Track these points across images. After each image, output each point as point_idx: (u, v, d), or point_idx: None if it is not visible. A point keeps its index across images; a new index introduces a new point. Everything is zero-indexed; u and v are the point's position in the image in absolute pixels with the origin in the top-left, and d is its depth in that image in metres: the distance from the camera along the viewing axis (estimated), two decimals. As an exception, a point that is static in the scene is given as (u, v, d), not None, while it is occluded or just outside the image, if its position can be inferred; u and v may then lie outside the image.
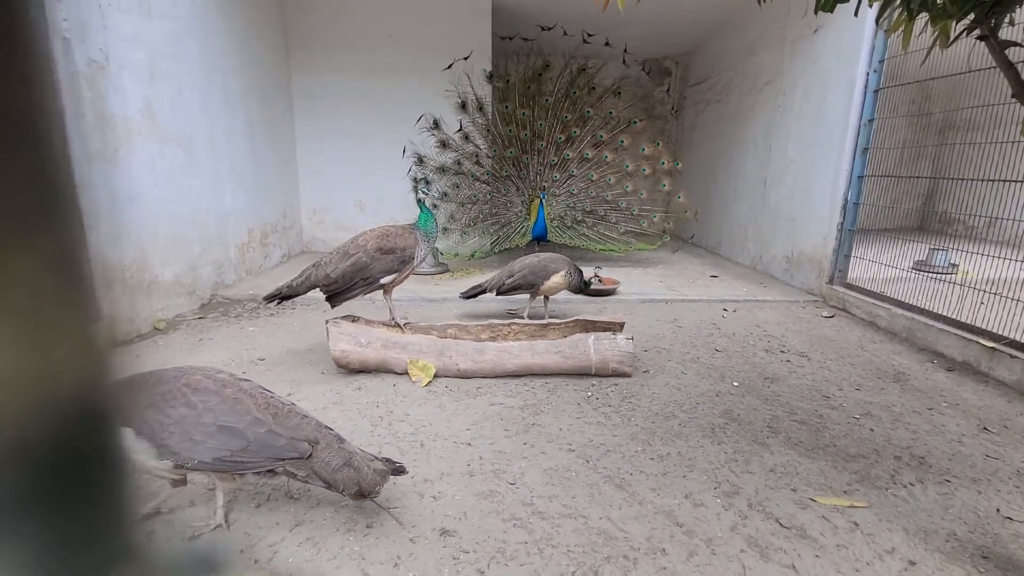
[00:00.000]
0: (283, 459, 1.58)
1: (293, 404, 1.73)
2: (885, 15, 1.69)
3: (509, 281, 3.65)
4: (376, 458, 1.71)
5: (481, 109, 5.79)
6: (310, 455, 1.60)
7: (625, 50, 6.73)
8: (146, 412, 1.50)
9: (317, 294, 2.97)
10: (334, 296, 2.91)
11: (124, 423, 1.47)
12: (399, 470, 1.74)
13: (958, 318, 3.37)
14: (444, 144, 5.72)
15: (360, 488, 1.62)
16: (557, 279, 3.65)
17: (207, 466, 1.54)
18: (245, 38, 5.05)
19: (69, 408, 0.26)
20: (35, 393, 0.24)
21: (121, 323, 3.33)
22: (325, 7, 6.10)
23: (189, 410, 1.53)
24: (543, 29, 6.43)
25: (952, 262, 4.63)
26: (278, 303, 3.04)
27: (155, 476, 1.61)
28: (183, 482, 1.67)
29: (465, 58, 5.95)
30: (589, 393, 2.74)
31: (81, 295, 0.26)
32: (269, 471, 1.61)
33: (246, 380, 1.71)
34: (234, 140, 4.84)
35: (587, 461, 2.11)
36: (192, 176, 4.15)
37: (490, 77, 5.98)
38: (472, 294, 3.88)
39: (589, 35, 6.46)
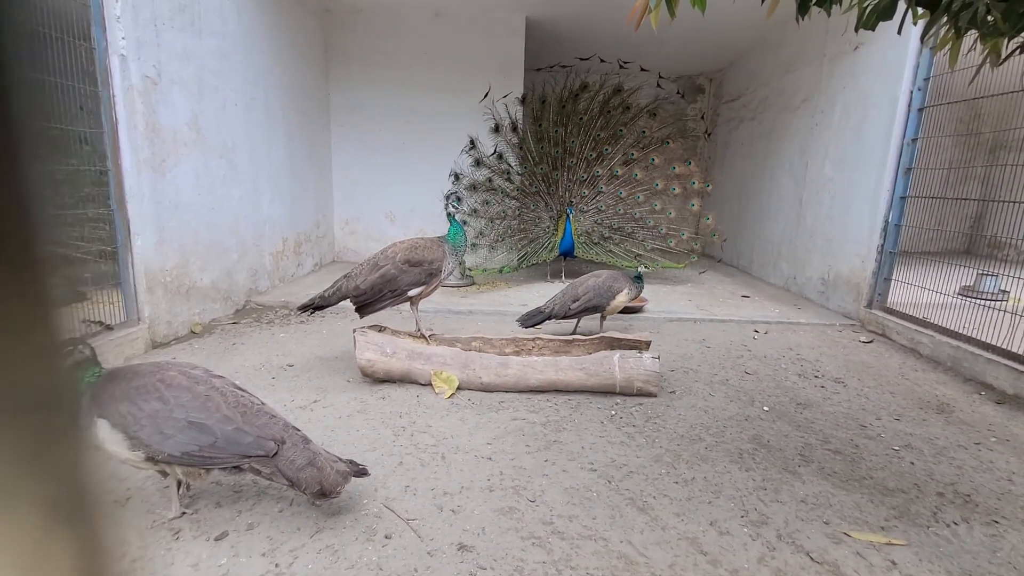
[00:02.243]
0: (249, 456, 1.63)
1: (263, 403, 1.78)
2: (931, 32, 1.64)
3: (575, 306, 3.55)
4: (339, 459, 1.75)
5: (515, 129, 5.89)
6: (276, 453, 1.64)
7: (660, 76, 6.73)
8: (121, 404, 1.56)
9: (346, 302, 3.03)
10: (363, 307, 2.96)
11: (100, 414, 1.51)
12: (361, 472, 1.78)
13: (1009, 348, 3.19)
14: (479, 162, 5.83)
15: (322, 487, 1.66)
16: (622, 298, 3.61)
17: (176, 459, 1.60)
18: (288, 55, 5.26)
19: None
20: None
21: (160, 326, 3.46)
22: (365, 25, 6.31)
23: (161, 404, 1.59)
24: (581, 60, 6.51)
25: (1002, 288, 4.39)
26: (311, 313, 3.11)
27: (130, 466, 1.67)
28: (164, 473, 1.72)
29: (504, 96, 6.06)
30: (613, 412, 2.69)
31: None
32: (235, 467, 1.66)
33: (219, 377, 1.77)
34: (273, 152, 5.03)
35: (609, 481, 2.07)
36: (232, 186, 4.32)
37: (522, 100, 6.09)
38: (534, 322, 3.61)
39: (625, 62, 6.51)
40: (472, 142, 5.78)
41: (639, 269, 3.89)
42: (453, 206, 3.14)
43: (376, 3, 6.00)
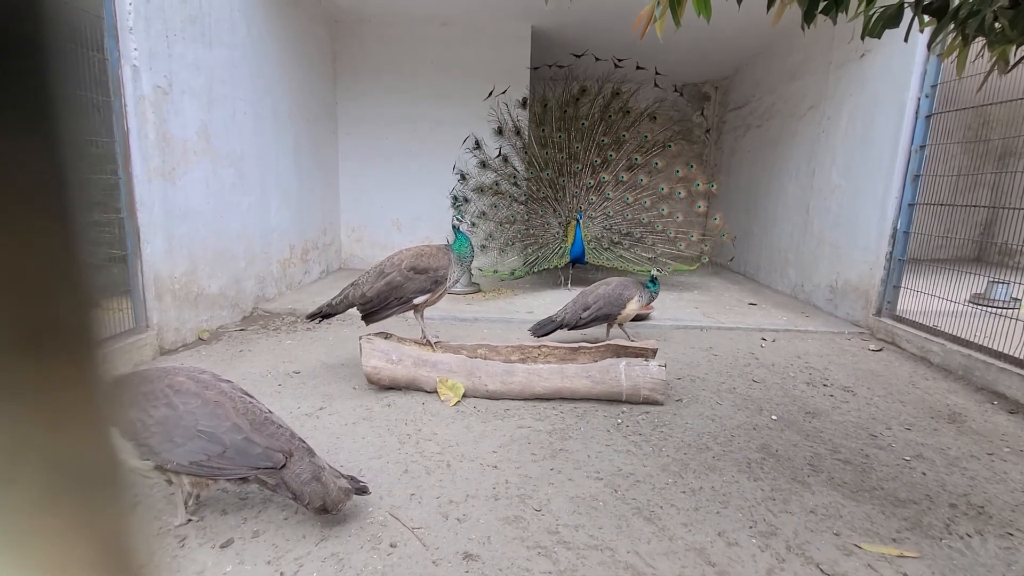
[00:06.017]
0: (258, 467, 1.61)
1: (270, 411, 1.76)
2: (938, 40, 1.63)
3: (586, 315, 3.52)
4: (341, 475, 1.73)
5: (519, 133, 5.92)
6: (283, 465, 1.62)
7: (657, 72, 6.74)
8: (129, 411, 1.53)
9: (353, 310, 3.04)
10: (369, 314, 2.97)
11: (110, 422, 1.54)
12: (362, 489, 1.76)
13: (1021, 357, 3.14)
14: (484, 164, 5.88)
15: (325, 503, 1.64)
16: (633, 306, 3.57)
17: (184, 469, 1.57)
18: (296, 64, 5.32)
19: None
20: None
21: (169, 332, 3.48)
22: (372, 35, 6.39)
23: (171, 411, 1.56)
24: (576, 56, 6.54)
25: (1014, 296, 4.35)
26: (319, 321, 3.13)
27: (139, 475, 1.65)
28: (169, 481, 1.71)
29: (503, 91, 6.11)
30: (619, 420, 2.67)
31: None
32: (242, 478, 1.64)
33: (226, 382, 1.74)
34: (281, 160, 5.07)
35: (615, 491, 2.05)
36: (241, 194, 4.35)
37: (524, 103, 6.13)
38: (546, 331, 3.59)
39: (620, 60, 6.51)
40: (477, 142, 5.83)
41: (652, 272, 3.86)
42: (458, 218, 3.15)
43: (384, 13, 6.07)
